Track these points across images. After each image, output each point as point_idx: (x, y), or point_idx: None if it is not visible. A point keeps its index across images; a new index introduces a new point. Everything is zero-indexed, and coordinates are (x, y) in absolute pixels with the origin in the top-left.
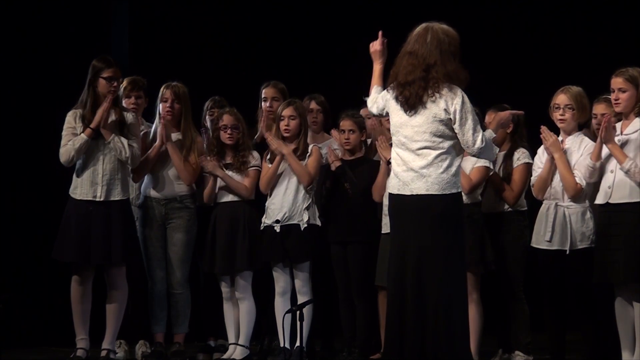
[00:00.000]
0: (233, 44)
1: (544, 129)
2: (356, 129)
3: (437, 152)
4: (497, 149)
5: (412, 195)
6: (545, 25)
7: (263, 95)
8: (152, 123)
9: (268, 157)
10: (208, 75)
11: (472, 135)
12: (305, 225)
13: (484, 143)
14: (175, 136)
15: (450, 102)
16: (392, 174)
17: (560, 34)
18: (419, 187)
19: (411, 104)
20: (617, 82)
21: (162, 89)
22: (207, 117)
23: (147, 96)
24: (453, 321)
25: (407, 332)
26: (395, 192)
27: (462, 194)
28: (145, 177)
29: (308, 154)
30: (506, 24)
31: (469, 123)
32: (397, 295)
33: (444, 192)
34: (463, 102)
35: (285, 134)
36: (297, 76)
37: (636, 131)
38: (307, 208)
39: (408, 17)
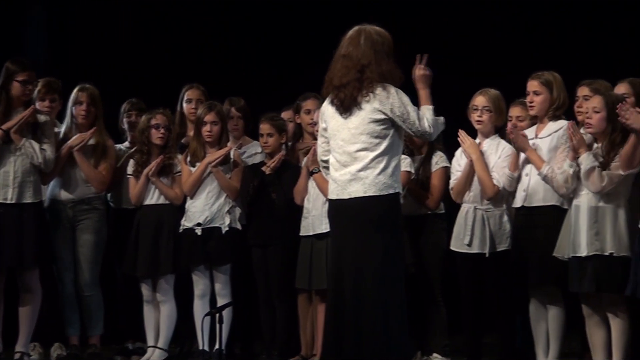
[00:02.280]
0: (149, 46)
1: (461, 132)
2: (275, 132)
3: (374, 153)
4: (443, 118)
5: (350, 198)
6: (463, 27)
7: (187, 97)
8: (62, 125)
9: (188, 159)
10: (124, 77)
11: (419, 125)
12: (227, 228)
13: (431, 127)
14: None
15: (385, 102)
16: (330, 179)
17: (478, 36)
18: (357, 190)
19: (346, 106)
20: (532, 85)
21: (75, 92)
22: (124, 119)
23: (61, 98)
24: (391, 323)
25: (345, 334)
26: (334, 197)
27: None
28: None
29: (231, 160)
30: (428, 24)
31: (412, 115)
32: (335, 297)
33: (382, 194)
34: (399, 99)
35: (208, 139)
36: (215, 78)
37: (550, 135)
38: (229, 211)
39: (335, 19)
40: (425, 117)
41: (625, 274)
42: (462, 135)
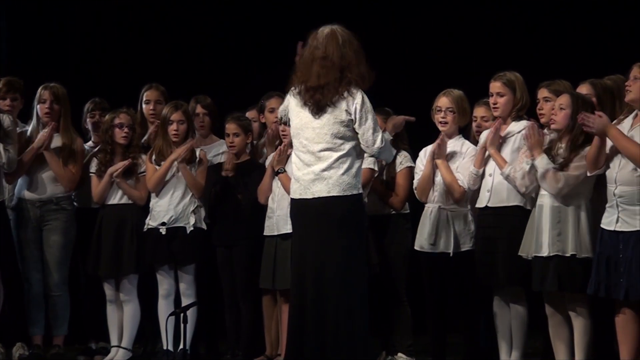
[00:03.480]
0: (113, 46)
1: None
2: (241, 132)
3: (338, 154)
4: (394, 151)
5: (314, 198)
6: (426, 28)
7: (145, 98)
8: (28, 124)
9: (153, 157)
10: (88, 76)
11: (372, 135)
12: (192, 228)
13: (383, 143)
14: (55, 139)
15: (351, 103)
16: (293, 179)
17: (440, 37)
18: (321, 190)
19: (322, 106)
20: (495, 86)
21: (39, 90)
22: (87, 119)
23: (23, 97)
24: (355, 323)
25: (308, 335)
26: (297, 196)
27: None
28: (20, 178)
29: (197, 159)
30: (390, 25)
31: (369, 123)
32: (298, 298)
33: (345, 194)
34: (363, 102)
35: (175, 139)
36: (180, 78)
37: (513, 135)
38: (194, 211)
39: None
40: (382, 133)
41: (587, 273)
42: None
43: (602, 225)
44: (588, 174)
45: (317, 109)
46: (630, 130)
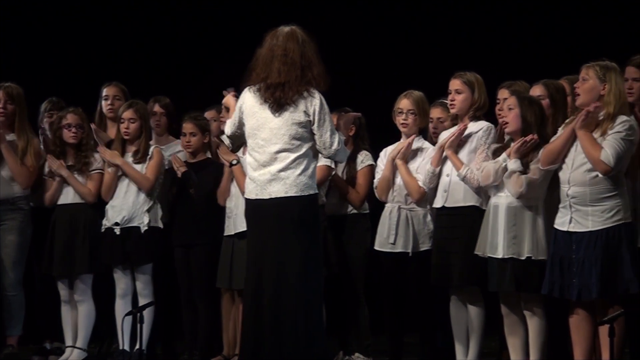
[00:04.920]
0: (70, 45)
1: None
2: (198, 132)
3: (295, 154)
4: (348, 152)
5: (270, 198)
6: (387, 29)
7: (104, 94)
8: None
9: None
10: (44, 76)
11: (329, 137)
12: (146, 227)
13: (340, 145)
14: (9, 138)
15: (309, 104)
16: (247, 179)
17: (401, 38)
18: (278, 190)
19: (281, 104)
20: (454, 83)
21: None
22: (44, 118)
23: None
24: (312, 323)
25: (265, 335)
26: (253, 197)
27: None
28: None
29: (149, 156)
30: (349, 25)
31: (327, 125)
32: (255, 298)
33: (302, 194)
34: (322, 104)
35: (125, 137)
36: (139, 78)
37: (470, 135)
38: (148, 210)
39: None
40: (339, 135)
41: (543, 273)
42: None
43: (555, 226)
44: (540, 167)
45: (278, 107)
46: None
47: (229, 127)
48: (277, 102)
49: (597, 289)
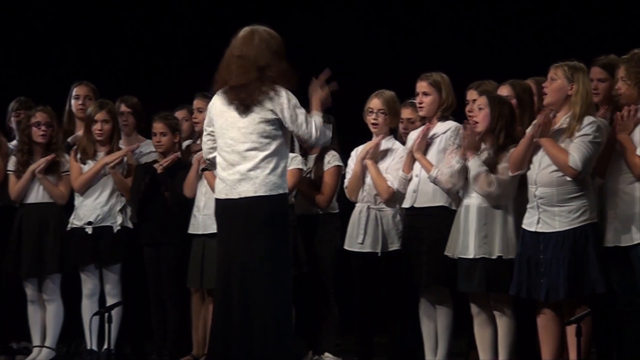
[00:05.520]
0: (40, 44)
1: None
2: (168, 132)
3: (264, 153)
4: (330, 131)
5: (240, 198)
6: (358, 29)
7: (75, 94)
8: None
9: (78, 156)
10: (12, 75)
11: (306, 128)
12: (119, 227)
13: (318, 131)
14: None
15: (276, 102)
16: (217, 179)
17: (372, 37)
18: (247, 190)
19: (247, 105)
20: (421, 86)
21: None
22: (12, 118)
23: None
24: (281, 322)
25: (233, 335)
26: (222, 196)
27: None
28: None
29: (124, 160)
30: (319, 24)
31: (300, 118)
32: (223, 298)
33: (272, 194)
34: (289, 100)
35: (99, 138)
36: (109, 77)
37: (439, 136)
38: (121, 210)
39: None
40: (314, 121)
41: (512, 274)
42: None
43: (523, 226)
44: (510, 174)
45: (244, 108)
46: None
47: (205, 146)
48: (243, 103)
49: (565, 289)
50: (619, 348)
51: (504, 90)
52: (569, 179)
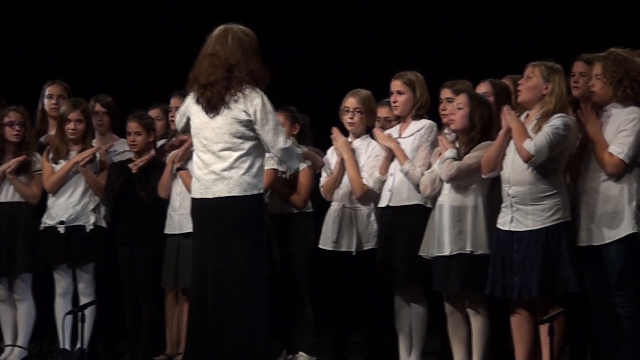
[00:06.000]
0: (12, 43)
1: (334, 130)
2: (143, 131)
3: (238, 153)
4: (299, 162)
5: (214, 198)
6: (333, 27)
7: (48, 93)
8: None
9: (50, 156)
10: None
11: (273, 136)
12: (92, 226)
13: (287, 144)
14: None
15: (250, 104)
16: (194, 178)
17: (346, 35)
18: (222, 190)
19: (213, 105)
20: (395, 85)
21: None
22: None
23: None
24: (255, 322)
25: (208, 334)
26: (197, 196)
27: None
28: None
29: (97, 158)
30: (294, 23)
31: (270, 124)
32: (198, 297)
33: (246, 194)
34: (263, 103)
35: (72, 137)
36: (82, 76)
37: (413, 134)
38: (94, 210)
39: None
40: (287, 139)
41: (486, 272)
42: (335, 133)
43: (497, 225)
44: (483, 176)
45: (209, 107)
46: None
47: (178, 117)
48: (208, 103)
49: (538, 288)
50: (592, 347)
51: (483, 88)
52: (541, 176)
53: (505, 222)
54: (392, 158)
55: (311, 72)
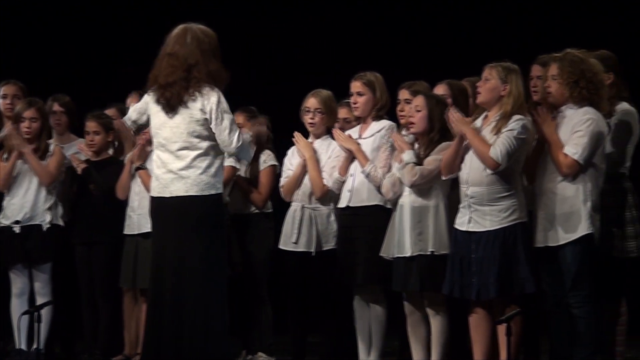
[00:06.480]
0: None
1: (297, 135)
2: (101, 130)
3: (196, 152)
4: (253, 151)
5: (171, 197)
6: (292, 26)
7: (2, 93)
8: None
9: (5, 155)
10: None
11: (228, 135)
12: (48, 225)
13: (240, 142)
14: None
15: (206, 102)
16: (153, 176)
17: (306, 36)
18: (179, 189)
19: (172, 105)
20: (355, 85)
21: None
22: None
23: None
24: (213, 322)
25: (166, 334)
26: (156, 195)
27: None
28: None
29: (49, 154)
30: (255, 23)
31: (225, 122)
32: (156, 297)
33: (204, 194)
34: (219, 102)
35: (26, 136)
36: (39, 76)
37: (373, 135)
38: (50, 208)
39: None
40: (239, 132)
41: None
42: (297, 137)
43: (455, 226)
44: (443, 178)
45: (169, 107)
46: (481, 130)
47: (133, 112)
48: (168, 103)
49: (495, 289)
50: (549, 347)
51: (441, 89)
52: (498, 177)
53: (463, 222)
54: (352, 159)
55: (271, 72)
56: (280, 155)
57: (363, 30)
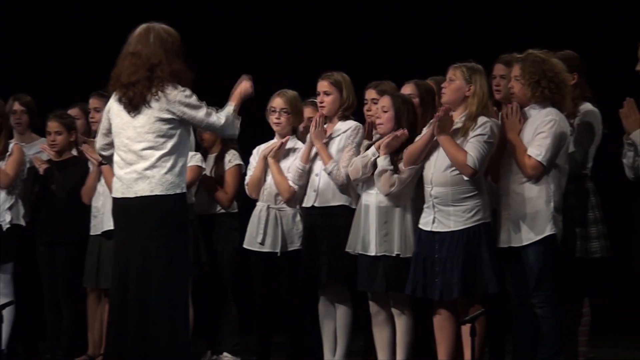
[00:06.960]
0: None
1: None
2: (64, 130)
3: (161, 152)
4: (239, 121)
5: (136, 197)
6: (259, 26)
7: None
8: None
9: None
10: None
11: (209, 120)
12: (8, 225)
13: (224, 120)
14: None
15: (173, 102)
16: (115, 178)
17: (273, 35)
18: (143, 189)
19: (135, 104)
20: (322, 85)
21: None
22: None
23: None
24: (175, 321)
25: (129, 334)
26: (119, 195)
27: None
28: None
29: (8, 153)
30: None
31: (200, 112)
32: (119, 297)
33: (168, 193)
34: (185, 97)
35: None
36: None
37: (339, 135)
38: (10, 208)
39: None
40: (223, 112)
41: None
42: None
43: (419, 226)
44: (403, 167)
45: (131, 107)
46: None
47: (99, 139)
48: (130, 102)
49: (459, 289)
50: (512, 347)
51: (408, 89)
52: (465, 178)
53: (427, 222)
54: (312, 147)
55: (237, 72)
56: (246, 156)
57: (329, 30)
